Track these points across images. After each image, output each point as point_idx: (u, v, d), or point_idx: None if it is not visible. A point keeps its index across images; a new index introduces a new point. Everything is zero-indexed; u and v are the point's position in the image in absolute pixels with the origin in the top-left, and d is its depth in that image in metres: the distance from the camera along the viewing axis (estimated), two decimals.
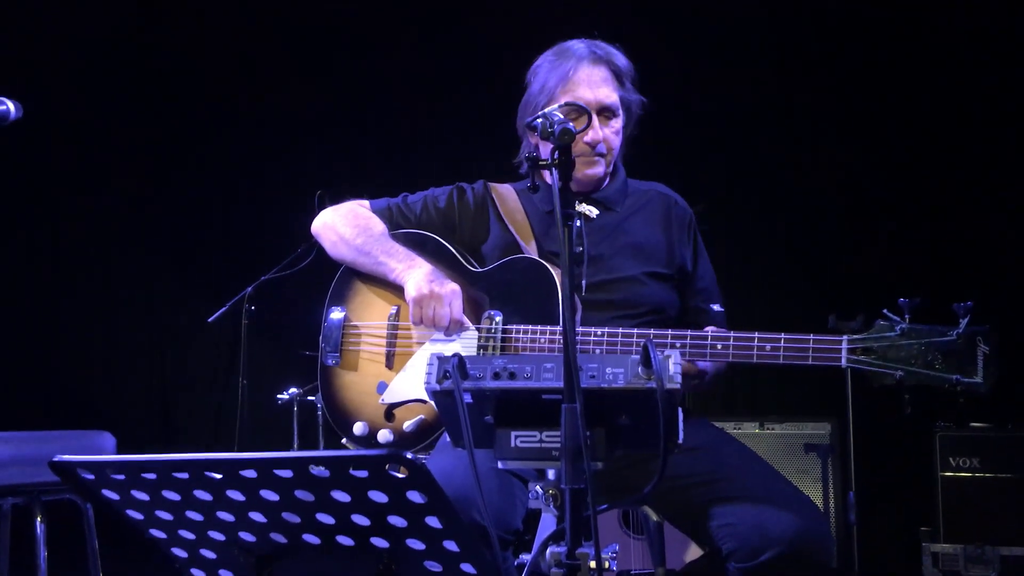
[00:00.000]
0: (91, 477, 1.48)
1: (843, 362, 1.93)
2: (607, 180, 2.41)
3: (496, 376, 1.56)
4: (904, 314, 1.91)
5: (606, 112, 2.31)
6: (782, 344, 1.96)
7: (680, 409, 1.60)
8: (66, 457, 1.44)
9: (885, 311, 1.92)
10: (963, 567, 3.69)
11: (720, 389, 4.57)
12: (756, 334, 1.99)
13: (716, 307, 2.38)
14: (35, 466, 2.83)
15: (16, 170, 5.04)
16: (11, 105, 2.31)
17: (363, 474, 1.32)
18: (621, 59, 2.36)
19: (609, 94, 2.31)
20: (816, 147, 4.78)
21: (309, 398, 4.62)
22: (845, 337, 1.94)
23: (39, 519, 2.81)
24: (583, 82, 2.30)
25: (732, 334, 2.02)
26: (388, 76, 5.28)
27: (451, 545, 1.39)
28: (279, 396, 4.62)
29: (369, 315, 2.39)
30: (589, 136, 2.26)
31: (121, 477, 1.46)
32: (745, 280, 2.48)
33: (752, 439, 3.99)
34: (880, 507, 4.12)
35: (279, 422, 4.70)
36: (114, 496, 1.51)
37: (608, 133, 2.31)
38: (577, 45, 2.35)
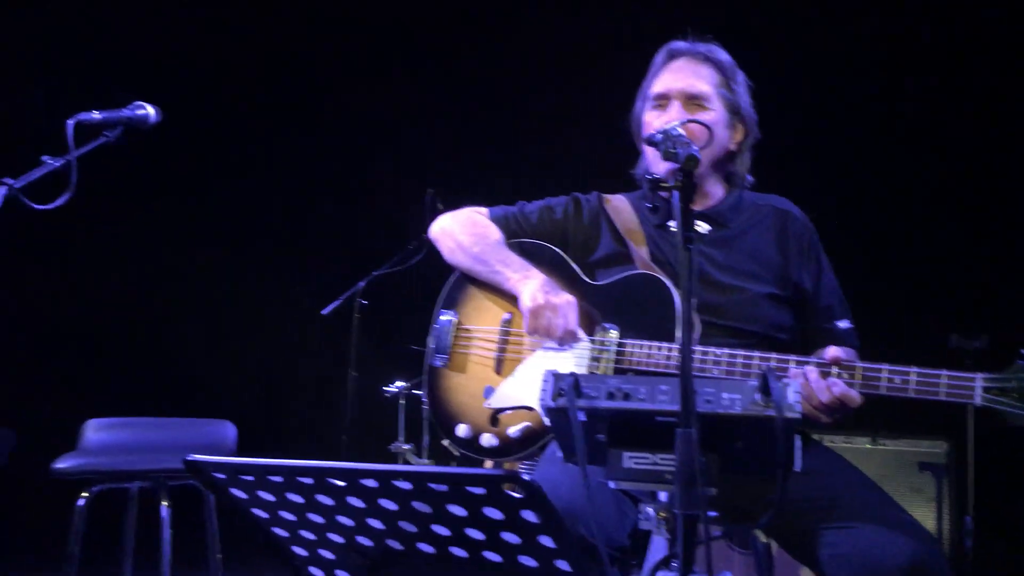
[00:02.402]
0: (222, 477, 1.56)
1: (977, 400, 1.85)
2: (712, 189, 2.37)
3: (610, 396, 1.56)
4: None
5: (694, 100, 2.27)
6: (913, 378, 1.89)
7: (797, 436, 1.58)
8: (200, 457, 1.52)
9: (1023, 351, 1.84)
10: None
11: None
12: (885, 366, 1.92)
13: (843, 324, 2.27)
14: (162, 452, 2.99)
15: (137, 168, 5.29)
16: (151, 109, 2.43)
17: (480, 491, 1.35)
18: (723, 54, 2.33)
19: (695, 83, 2.28)
20: (936, 156, 4.59)
21: (415, 392, 4.72)
22: (979, 375, 1.85)
23: (165, 503, 2.96)
24: (670, 71, 2.31)
25: (859, 364, 1.95)
26: (500, 74, 5.32)
27: (563, 564, 1.41)
28: (386, 389, 4.74)
29: (481, 320, 2.41)
30: (662, 120, 2.23)
31: (250, 478, 1.54)
32: (861, 295, 2.40)
33: (863, 455, 3.88)
34: (998, 532, 3.94)
35: (386, 414, 4.82)
36: (242, 495, 1.58)
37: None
38: (676, 43, 2.36)
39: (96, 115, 2.29)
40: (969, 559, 3.60)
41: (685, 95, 2.27)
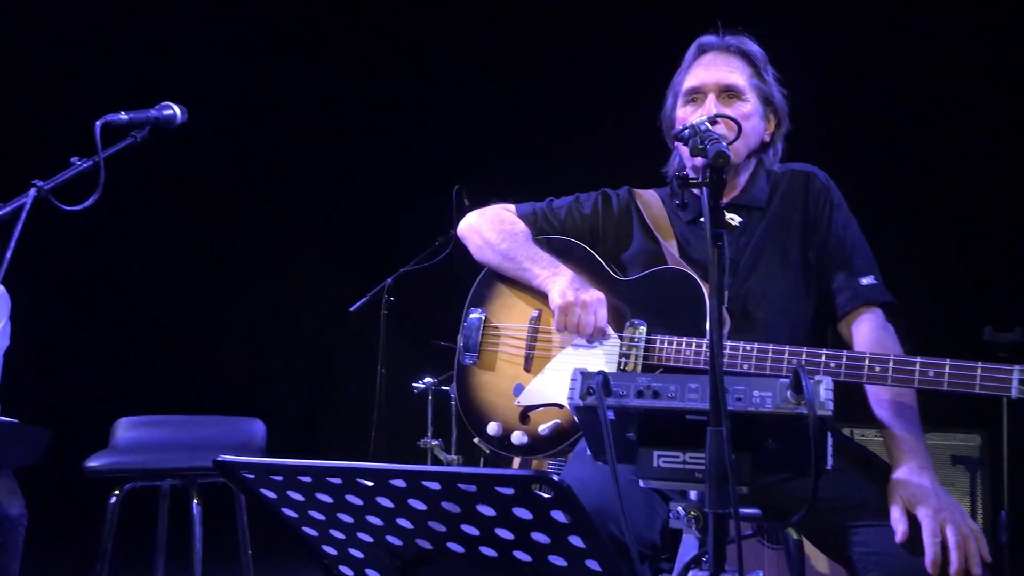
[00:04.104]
0: (251, 477, 1.56)
1: (1014, 393, 1.80)
2: (744, 177, 2.33)
3: (640, 395, 1.55)
4: None
5: (728, 92, 2.24)
6: (947, 371, 1.85)
7: (829, 433, 1.56)
8: (229, 458, 1.53)
9: None
10: None
11: (860, 394, 4.41)
12: (918, 359, 1.89)
13: (866, 280, 2.17)
14: (192, 451, 3.02)
15: (169, 170, 5.32)
16: (177, 110, 2.45)
17: (509, 491, 1.34)
18: (753, 46, 2.31)
19: (729, 74, 2.25)
20: (975, 146, 4.52)
21: (443, 388, 4.73)
22: (1017, 367, 1.81)
23: (196, 501, 2.99)
24: (701, 65, 2.29)
25: (892, 357, 1.92)
26: (528, 70, 5.31)
27: (593, 564, 1.40)
28: (415, 385, 4.75)
29: (509, 317, 2.41)
30: (698, 114, 2.20)
31: (279, 478, 1.54)
32: (895, 287, 2.35)
33: None
34: None
35: (415, 410, 4.83)
36: (271, 495, 1.59)
37: (728, 112, 2.20)
38: (706, 37, 2.34)
39: (123, 116, 2.30)
40: (1004, 554, 3.54)
41: (720, 87, 2.25)
